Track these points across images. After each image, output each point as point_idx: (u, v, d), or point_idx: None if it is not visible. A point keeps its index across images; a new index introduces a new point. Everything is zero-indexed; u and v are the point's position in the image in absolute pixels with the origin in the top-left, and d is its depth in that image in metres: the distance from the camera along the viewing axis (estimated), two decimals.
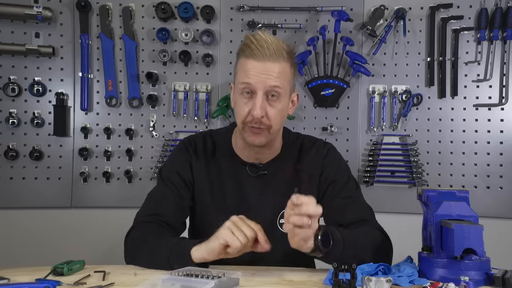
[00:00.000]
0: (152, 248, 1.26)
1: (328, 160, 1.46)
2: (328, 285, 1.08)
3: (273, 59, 1.26)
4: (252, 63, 1.26)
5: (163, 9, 2.43)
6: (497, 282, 1.07)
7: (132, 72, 2.47)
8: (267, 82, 1.26)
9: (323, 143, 1.51)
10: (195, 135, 1.52)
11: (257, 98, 1.26)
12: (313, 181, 1.44)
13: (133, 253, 1.31)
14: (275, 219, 1.41)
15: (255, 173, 1.42)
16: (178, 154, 1.48)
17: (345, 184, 1.43)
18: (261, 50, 1.25)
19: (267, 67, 1.26)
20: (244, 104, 1.29)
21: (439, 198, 1.19)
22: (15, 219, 2.47)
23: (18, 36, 2.45)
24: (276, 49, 1.26)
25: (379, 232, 1.34)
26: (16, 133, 2.46)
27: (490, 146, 2.42)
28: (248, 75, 1.26)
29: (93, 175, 2.48)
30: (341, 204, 1.39)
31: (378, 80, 2.48)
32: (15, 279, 1.09)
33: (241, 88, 1.29)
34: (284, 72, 1.29)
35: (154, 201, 1.42)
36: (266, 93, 1.27)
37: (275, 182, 1.43)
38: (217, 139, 1.48)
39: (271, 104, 1.29)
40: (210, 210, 1.43)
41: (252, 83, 1.26)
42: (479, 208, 1.37)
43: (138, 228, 1.36)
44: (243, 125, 1.31)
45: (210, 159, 1.45)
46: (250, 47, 1.26)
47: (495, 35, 2.36)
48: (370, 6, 2.46)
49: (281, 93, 1.29)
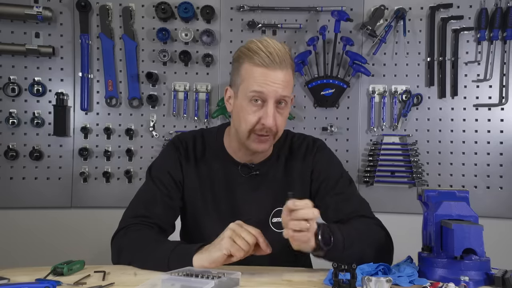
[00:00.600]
0: (147, 253, 1.23)
1: (319, 157, 1.45)
2: (328, 285, 1.08)
3: (281, 67, 1.25)
4: (261, 71, 1.25)
5: (163, 9, 2.43)
6: (497, 282, 1.07)
7: (132, 72, 2.47)
8: (278, 92, 1.25)
9: (313, 140, 1.50)
10: (185, 134, 1.50)
11: (269, 107, 1.26)
12: (305, 179, 1.44)
13: (123, 256, 1.28)
14: (267, 218, 1.41)
15: (247, 174, 1.42)
16: (169, 153, 1.45)
17: (337, 181, 1.42)
18: (270, 58, 1.24)
19: (278, 76, 1.25)
20: (254, 113, 1.28)
21: (439, 198, 1.19)
22: (15, 219, 2.47)
23: (18, 36, 2.45)
24: (284, 56, 1.26)
25: (378, 227, 1.34)
26: (16, 133, 2.46)
27: (490, 146, 2.42)
28: (260, 83, 1.25)
29: (93, 175, 2.48)
30: (335, 201, 1.39)
31: (378, 80, 2.48)
32: (15, 279, 1.09)
33: (250, 96, 1.27)
34: (290, 80, 1.30)
35: (142, 201, 1.39)
36: (276, 101, 1.27)
37: (267, 182, 1.42)
38: (208, 139, 1.47)
39: (279, 112, 1.29)
40: (202, 210, 1.41)
41: (264, 92, 1.25)
42: (479, 208, 1.37)
43: (127, 230, 1.32)
44: (250, 133, 1.30)
45: (200, 159, 1.44)
46: (258, 54, 1.25)
47: (495, 35, 2.36)
48: (370, 6, 2.46)
49: (288, 101, 1.30)
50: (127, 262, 1.26)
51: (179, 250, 1.19)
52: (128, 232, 1.32)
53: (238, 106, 1.32)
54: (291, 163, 1.45)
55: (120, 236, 1.33)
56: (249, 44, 1.29)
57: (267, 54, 1.24)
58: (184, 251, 1.19)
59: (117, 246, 1.31)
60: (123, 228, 1.34)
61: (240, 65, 1.31)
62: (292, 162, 1.45)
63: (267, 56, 1.24)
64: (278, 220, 1.40)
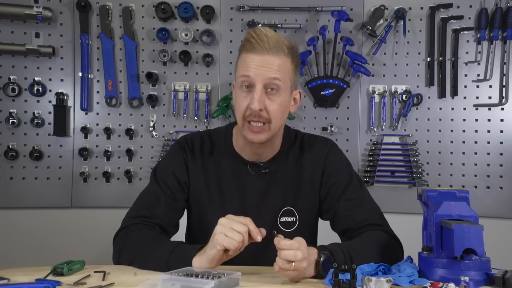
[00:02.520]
0: (147, 253, 1.23)
1: (331, 158, 1.44)
2: (328, 285, 1.08)
3: (272, 53, 1.25)
4: (251, 57, 1.25)
5: (163, 9, 2.43)
6: (497, 282, 1.06)
7: (132, 72, 2.47)
8: (266, 74, 1.24)
9: (325, 140, 1.49)
10: (192, 134, 1.50)
11: (256, 91, 1.25)
12: (315, 180, 1.43)
13: (123, 256, 1.28)
14: (276, 217, 1.41)
15: (257, 172, 1.41)
16: (174, 153, 1.45)
17: (348, 185, 1.41)
18: (260, 44, 1.24)
19: (267, 60, 1.25)
20: (244, 98, 1.27)
21: (439, 198, 1.19)
22: (15, 219, 2.47)
23: (18, 36, 2.45)
24: (276, 43, 1.25)
25: (386, 239, 1.33)
26: (16, 133, 2.46)
27: (490, 146, 2.42)
28: (248, 68, 1.25)
29: (93, 175, 2.48)
30: (345, 207, 1.38)
31: (378, 80, 2.48)
32: (15, 279, 1.09)
33: (240, 81, 1.28)
34: (285, 66, 1.27)
35: (145, 202, 1.39)
36: (265, 86, 1.26)
37: (276, 181, 1.42)
38: (215, 139, 1.46)
39: (270, 98, 1.27)
40: (209, 210, 1.40)
41: (251, 75, 1.25)
42: (479, 208, 1.37)
43: (128, 230, 1.32)
44: (243, 121, 1.29)
45: (207, 158, 1.43)
46: (250, 42, 1.26)
47: (495, 35, 2.36)
48: (370, 6, 2.46)
49: (280, 87, 1.27)
50: (128, 262, 1.26)
51: (179, 251, 1.19)
52: (129, 232, 1.32)
53: (234, 95, 1.34)
54: (302, 162, 1.44)
55: (120, 236, 1.33)
56: (245, 35, 1.30)
57: (258, 41, 1.24)
58: (183, 251, 1.19)
59: (118, 246, 1.32)
60: (124, 228, 1.34)
61: (238, 56, 1.32)
62: (303, 161, 1.44)
63: (257, 42, 1.24)
64: (286, 219, 1.41)
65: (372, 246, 1.27)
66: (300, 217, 1.42)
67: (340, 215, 1.39)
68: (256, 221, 1.15)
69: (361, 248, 1.25)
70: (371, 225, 1.35)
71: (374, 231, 1.34)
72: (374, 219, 1.37)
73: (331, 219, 1.44)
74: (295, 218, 1.42)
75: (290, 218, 1.41)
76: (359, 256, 1.19)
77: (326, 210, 1.44)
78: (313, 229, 1.51)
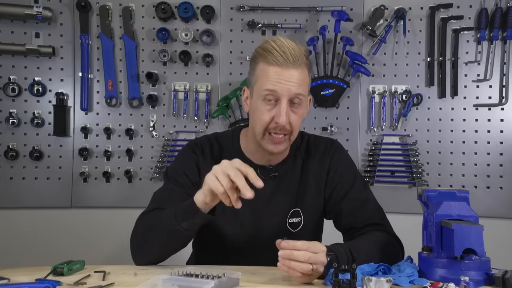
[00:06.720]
0: (157, 221, 1.25)
1: (336, 159, 1.46)
2: (328, 285, 1.08)
3: (295, 66, 1.26)
4: (275, 70, 1.26)
5: (163, 9, 2.43)
6: (497, 282, 1.07)
7: (132, 72, 2.47)
8: (291, 90, 1.26)
9: (330, 141, 1.51)
10: (201, 138, 1.51)
11: (282, 105, 1.27)
12: (321, 180, 1.45)
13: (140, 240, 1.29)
14: (285, 219, 1.42)
15: (266, 176, 1.41)
16: (185, 156, 1.46)
17: (352, 185, 1.43)
18: (284, 57, 1.25)
19: (291, 74, 1.26)
20: (267, 111, 1.29)
21: (439, 198, 1.19)
22: (15, 219, 2.47)
23: (18, 36, 2.45)
24: (298, 55, 1.26)
25: (388, 239, 1.34)
26: (16, 133, 2.46)
27: (490, 146, 2.42)
28: (273, 82, 1.26)
29: (93, 175, 2.48)
30: (349, 207, 1.40)
31: (378, 80, 2.48)
32: (15, 279, 1.09)
33: (263, 94, 1.28)
34: (305, 78, 1.30)
35: (159, 198, 1.39)
36: (290, 100, 1.28)
37: (285, 183, 1.43)
38: (223, 142, 1.47)
39: (293, 111, 1.30)
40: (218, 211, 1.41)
41: (277, 90, 1.26)
42: (479, 208, 1.37)
43: (140, 219, 1.34)
44: (264, 132, 1.31)
45: (218, 161, 1.43)
46: (272, 53, 1.26)
47: (495, 35, 2.36)
48: (370, 6, 2.46)
49: (303, 100, 1.30)
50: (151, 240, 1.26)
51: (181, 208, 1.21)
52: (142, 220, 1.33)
53: (253, 106, 1.33)
54: (308, 163, 1.46)
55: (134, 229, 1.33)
56: (264, 44, 1.30)
57: (281, 53, 1.25)
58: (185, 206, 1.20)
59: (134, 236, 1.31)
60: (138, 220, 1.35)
61: (256, 65, 1.32)
62: (309, 162, 1.46)
63: (280, 55, 1.25)
64: (294, 220, 1.43)
65: (373, 245, 1.28)
66: (305, 218, 1.44)
67: (344, 215, 1.40)
68: (266, 224, 1.18)
69: (363, 248, 1.25)
70: (373, 224, 1.37)
71: (376, 231, 1.35)
72: (377, 219, 1.39)
73: (334, 218, 1.46)
74: (300, 218, 1.43)
75: (296, 219, 1.43)
76: (361, 256, 1.20)
77: (330, 209, 1.46)
78: (317, 229, 1.52)
